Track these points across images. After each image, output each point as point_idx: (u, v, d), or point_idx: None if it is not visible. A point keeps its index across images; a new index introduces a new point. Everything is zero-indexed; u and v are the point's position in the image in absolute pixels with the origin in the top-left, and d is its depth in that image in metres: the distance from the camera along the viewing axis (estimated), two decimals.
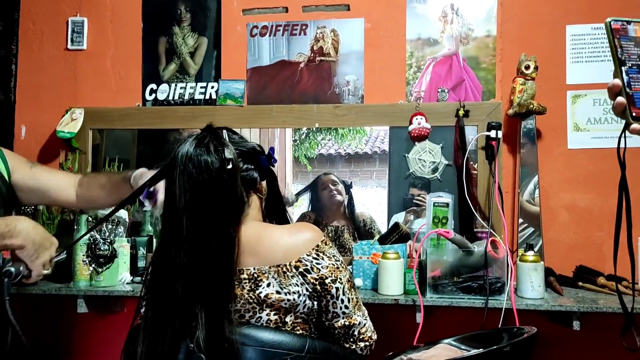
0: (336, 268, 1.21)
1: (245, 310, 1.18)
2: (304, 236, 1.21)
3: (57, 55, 2.43)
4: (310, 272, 1.18)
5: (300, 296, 1.18)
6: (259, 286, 1.17)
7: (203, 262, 1.15)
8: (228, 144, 1.19)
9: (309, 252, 1.19)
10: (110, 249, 2.05)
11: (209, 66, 2.37)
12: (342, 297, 1.21)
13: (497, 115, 2.16)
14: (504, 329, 1.61)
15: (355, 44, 2.29)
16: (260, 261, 1.19)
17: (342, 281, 1.21)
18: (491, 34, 2.22)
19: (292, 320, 1.19)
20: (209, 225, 1.16)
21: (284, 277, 1.17)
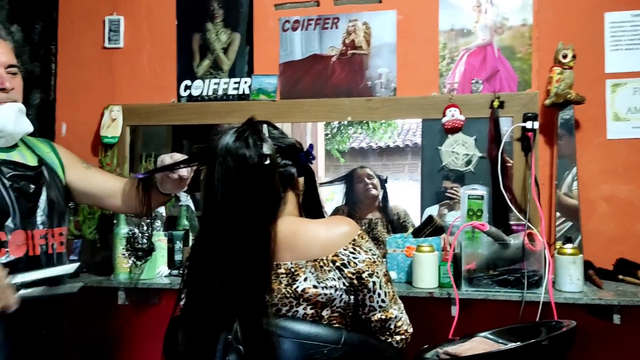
0: (373, 262, 1.21)
1: (282, 305, 1.19)
2: (341, 230, 1.21)
3: (95, 53, 2.49)
4: (347, 267, 1.19)
5: (337, 290, 1.19)
6: (295, 280, 1.18)
7: (240, 256, 1.17)
8: (267, 139, 1.20)
9: (346, 246, 1.20)
10: (148, 243, 2.10)
11: (242, 61, 2.39)
12: (379, 291, 1.21)
13: (533, 106, 2.12)
14: (542, 323, 1.59)
15: (388, 36, 2.27)
16: (297, 256, 1.20)
17: (378, 275, 1.21)
18: (527, 23, 2.18)
19: (329, 315, 1.20)
20: (245, 219, 1.17)
21: (320, 271, 1.18)
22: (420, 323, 2.04)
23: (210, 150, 1.21)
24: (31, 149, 1.53)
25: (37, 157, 1.53)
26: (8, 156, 1.45)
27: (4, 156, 1.44)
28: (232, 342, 1.15)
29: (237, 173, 1.17)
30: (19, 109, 1.46)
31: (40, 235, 1.44)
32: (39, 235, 1.44)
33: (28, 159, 1.50)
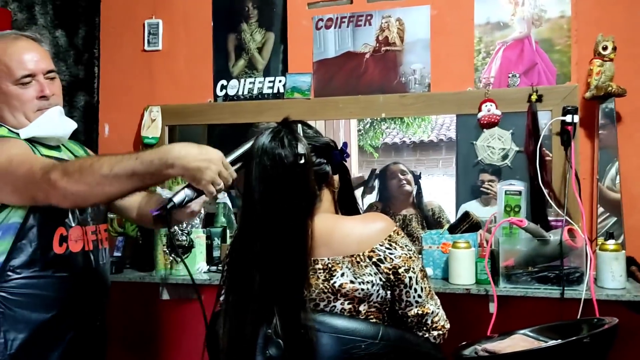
0: (409, 258, 1.21)
1: (320, 300, 1.21)
2: (377, 226, 1.22)
3: (135, 56, 2.56)
4: (384, 262, 1.20)
5: (374, 286, 1.20)
6: (333, 276, 1.20)
7: (278, 253, 1.19)
8: (301, 139, 1.22)
9: (382, 242, 1.21)
10: (187, 240, 2.16)
11: (276, 60, 2.42)
12: (415, 287, 1.22)
13: (573, 99, 2.07)
14: (583, 320, 1.56)
15: (421, 32, 2.26)
16: (334, 252, 1.21)
17: (414, 270, 1.22)
18: (565, 15, 2.13)
19: (366, 310, 1.22)
20: (282, 217, 1.19)
21: (357, 267, 1.20)
22: (457, 320, 2.03)
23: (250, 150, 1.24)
24: (70, 150, 1.57)
25: (75, 157, 1.55)
26: (60, 155, 1.49)
27: (57, 154, 1.47)
28: (272, 336, 1.18)
29: (273, 172, 1.19)
30: (60, 111, 1.48)
31: (91, 231, 1.50)
32: (90, 231, 1.49)
33: (71, 157, 1.53)
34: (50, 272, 1.38)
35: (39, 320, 1.37)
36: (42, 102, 1.43)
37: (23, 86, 1.41)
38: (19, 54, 1.41)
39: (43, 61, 1.45)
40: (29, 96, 1.41)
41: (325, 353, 1.16)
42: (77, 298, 1.44)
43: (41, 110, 1.43)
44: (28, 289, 1.36)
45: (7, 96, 1.41)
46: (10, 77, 1.40)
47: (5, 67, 1.40)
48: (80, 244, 1.45)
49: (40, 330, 1.38)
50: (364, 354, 1.17)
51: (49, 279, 1.39)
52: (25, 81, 1.40)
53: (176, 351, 2.44)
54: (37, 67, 1.42)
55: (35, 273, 1.37)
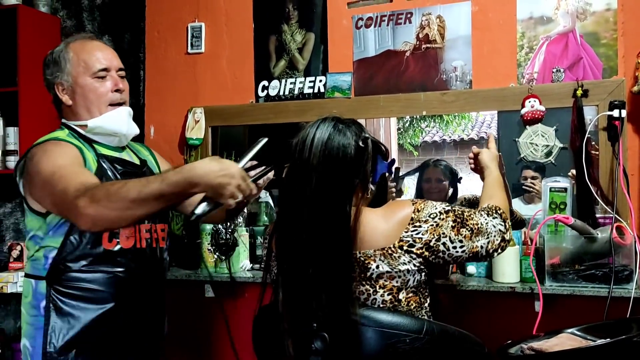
0: (436, 226, 1.23)
1: (359, 292, 1.23)
2: (398, 217, 1.24)
3: (179, 59, 2.63)
4: (415, 245, 1.22)
5: (410, 272, 1.23)
6: (368, 269, 1.22)
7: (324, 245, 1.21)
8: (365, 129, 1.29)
9: (406, 228, 1.23)
10: (231, 238, 2.21)
11: (317, 60, 2.44)
12: (454, 245, 1.24)
13: (620, 94, 2.02)
14: (632, 319, 1.53)
15: (462, 28, 2.25)
16: (364, 246, 1.23)
17: (445, 234, 1.23)
18: (611, 7, 2.08)
19: (405, 297, 1.23)
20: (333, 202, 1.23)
21: (391, 258, 1.22)
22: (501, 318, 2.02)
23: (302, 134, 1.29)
24: (134, 152, 1.65)
25: (139, 158, 1.64)
26: (120, 155, 1.56)
27: (117, 155, 1.55)
28: (317, 329, 1.20)
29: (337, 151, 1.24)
30: (129, 112, 1.57)
31: (146, 229, 1.54)
32: (145, 229, 1.53)
33: (134, 158, 1.62)
34: (100, 267, 1.44)
35: (89, 315, 1.42)
36: (116, 95, 1.53)
37: (99, 80, 1.50)
38: (95, 51, 1.53)
39: (116, 59, 1.56)
40: (104, 89, 1.51)
41: (369, 347, 1.19)
42: (128, 295, 1.47)
43: (113, 105, 1.52)
44: (79, 283, 1.42)
45: (84, 89, 1.50)
46: (88, 71, 1.50)
47: (84, 63, 1.50)
48: (132, 240, 1.49)
49: (91, 325, 1.42)
50: (409, 348, 1.18)
51: (99, 273, 1.44)
52: (101, 75, 1.50)
53: (221, 348, 2.49)
54: (112, 63, 1.53)
55: (86, 268, 1.43)
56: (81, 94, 1.50)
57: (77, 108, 1.52)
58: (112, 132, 1.53)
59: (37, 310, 1.43)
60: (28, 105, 2.53)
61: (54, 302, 1.41)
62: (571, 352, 1.33)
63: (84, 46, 1.53)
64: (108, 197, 1.23)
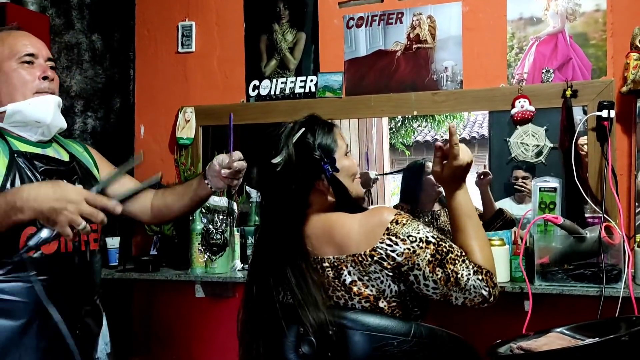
0: (412, 252, 1.16)
1: (336, 297, 1.23)
2: (373, 222, 1.20)
3: (169, 58, 2.62)
4: (386, 260, 1.18)
5: (383, 282, 1.20)
6: (341, 274, 1.22)
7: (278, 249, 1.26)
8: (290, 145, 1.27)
9: (382, 238, 1.18)
10: (222, 238, 2.20)
11: (308, 60, 2.44)
12: (425, 282, 1.17)
13: (609, 94, 2.04)
14: (621, 318, 1.54)
15: (453, 28, 2.25)
16: (338, 250, 1.23)
17: (420, 267, 1.16)
18: (600, 8, 2.09)
19: (387, 305, 1.21)
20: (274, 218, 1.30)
21: (361, 265, 1.20)
22: (491, 317, 2.02)
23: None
24: (64, 148, 1.51)
25: (70, 154, 1.50)
26: (43, 151, 1.43)
27: (39, 151, 1.42)
28: (304, 333, 1.20)
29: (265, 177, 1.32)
30: (58, 102, 1.44)
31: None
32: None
33: (62, 155, 1.48)
34: (17, 275, 1.29)
35: (7, 328, 1.28)
36: (44, 84, 1.41)
37: (26, 65, 1.40)
38: (22, 37, 1.44)
39: (44, 49, 1.46)
40: (31, 76, 1.40)
41: (357, 351, 1.18)
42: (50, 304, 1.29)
43: (40, 93, 1.40)
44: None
45: (8, 75, 1.39)
46: (13, 56, 1.39)
47: (9, 47, 1.40)
48: (55, 245, 1.33)
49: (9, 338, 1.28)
50: (396, 351, 1.18)
51: (17, 282, 1.29)
52: (27, 59, 1.40)
53: (211, 349, 2.48)
54: (40, 52, 1.43)
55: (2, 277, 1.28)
56: (5, 80, 1.38)
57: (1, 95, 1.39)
58: (34, 120, 1.39)
59: None
60: None
61: None
62: (560, 352, 1.33)
63: (10, 33, 1.44)
64: None
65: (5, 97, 1.38)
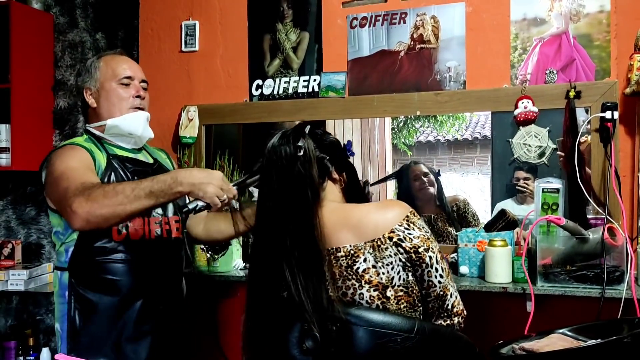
0: (427, 238, 1.26)
1: (346, 287, 1.24)
2: (393, 210, 1.27)
3: (173, 57, 2.62)
4: (404, 242, 1.24)
5: (394, 268, 1.23)
6: (355, 262, 1.23)
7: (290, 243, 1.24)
8: (305, 135, 1.31)
9: (400, 222, 1.25)
10: None
11: (311, 60, 2.44)
12: (436, 266, 1.25)
13: (612, 95, 2.03)
14: (623, 320, 1.54)
15: (457, 29, 2.25)
16: (355, 237, 1.25)
17: (433, 250, 1.26)
18: (605, 9, 2.09)
19: (394, 294, 1.23)
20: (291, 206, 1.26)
21: (379, 250, 1.23)
22: (493, 318, 2.03)
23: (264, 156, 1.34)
24: (150, 154, 1.81)
25: (154, 158, 1.79)
26: (135, 156, 1.72)
27: (130, 155, 1.71)
28: (309, 329, 1.20)
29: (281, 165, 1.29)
30: (147, 117, 1.73)
31: (155, 222, 1.66)
32: (154, 222, 1.65)
33: (149, 159, 1.77)
34: (109, 257, 1.58)
35: (103, 301, 1.58)
36: (136, 100, 1.70)
37: (123, 86, 1.69)
38: (123, 62, 1.74)
39: (140, 72, 1.76)
40: (127, 94, 1.69)
41: (360, 346, 1.19)
42: (138, 284, 1.60)
43: (133, 109, 1.69)
44: (92, 273, 1.57)
45: (108, 93, 1.68)
46: (114, 77, 1.69)
47: (111, 70, 1.70)
48: (140, 232, 1.62)
49: (105, 310, 1.57)
50: (400, 348, 1.19)
51: (109, 263, 1.58)
52: (125, 82, 1.69)
53: (214, 348, 2.48)
54: (136, 74, 1.73)
55: (99, 259, 1.57)
56: (105, 97, 1.68)
57: (100, 110, 1.68)
58: (128, 132, 1.68)
59: (63, 299, 1.59)
60: (20, 102, 2.52)
61: (76, 291, 1.58)
62: (562, 353, 1.33)
63: (114, 57, 1.74)
64: (104, 195, 1.36)
65: (105, 112, 1.68)
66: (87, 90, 1.70)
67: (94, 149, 1.63)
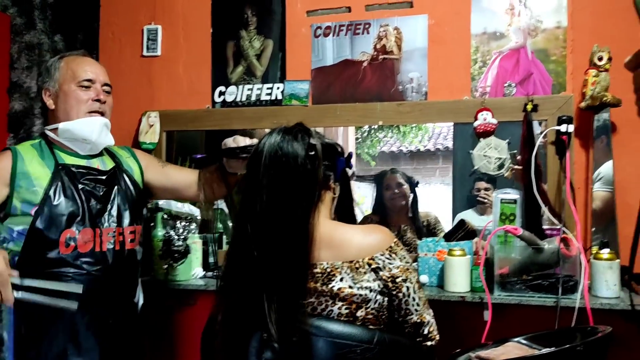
0: (406, 269, 1.25)
1: (318, 303, 1.22)
2: (378, 237, 1.26)
3: (134, 62, 2.57)
4: (382, 270, 1.23)
5: (372, 292, 1.22)
6: (331, 280, 1.21)
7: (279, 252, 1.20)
8: (314, 134, 1.28)
9: (383, 251, 1.24)
10: (184, 245, 2.16)
11: (275, 67, 2.43)
12: (413, 296, 1.25)
13: (568, 109, 2.09)
14: (577, 328, 1.57)
15: (419, 40, 2.28)
16: (334, 256, 1.23)
17: (412, 281, 1.25)
18: (561, 25, 2.15)
19: (363, 316, 1.22)
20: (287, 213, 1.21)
21: (356, 272, 1.21)
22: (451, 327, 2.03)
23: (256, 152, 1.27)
24: (112, 156, 1.74)
25: (115, 163, 1.72)
26: (88, 163, 1.66)
27: (84, 163, 1.65)
28: (268, 339, 1.18)
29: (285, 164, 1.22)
30: (104, 123, 1.67)
31: (108, 233, 1.60)
32: (107, 233, 1.60)
33: (107, 165, 1.70)
34: (58, 270, 1.52)
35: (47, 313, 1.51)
36: (95, 104, 1.64)
37: (83, 89, 1.63)
38: (85, 64, 1.68)
39: (103, 75, 1.70)
40: (85, 97, 1.63)
41: (320, 357, 1.18)
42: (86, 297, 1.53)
43: (91, 113, 1.63)
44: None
45: (66, 95, 1.62)
46: (74, 79, 1.63)
47: (72, 71, 1.64)
48: (90, 245, 1.56)
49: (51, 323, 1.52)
50: (360, 359, 1.18)
51: (57, 276, 1.52)
52: (85, 84, 1.64)
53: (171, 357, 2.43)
54: (97, 77, 1.67)
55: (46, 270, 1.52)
56: (63, 99, 1.62)
57: (58, 112, 1.63)
58: (82, 137, 1.62)
59: (10, 308, 1.55)
60: None
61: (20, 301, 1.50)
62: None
63: (76, 58, 1.69)
64: None
65: (62, 113, 1.62)
66: (46, 92, 1.65)
67: (34, 156, 1.58)
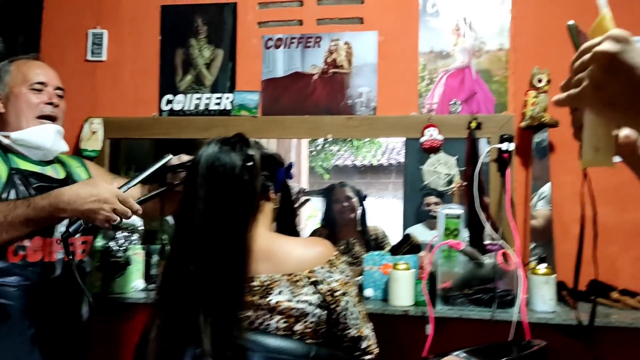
0: (346, 283, 1.25)
1: (255, 317, 1.20)
2: (318, 250, 1.25)
3: (77, 66, 2.49)
4: (321, 284, 1.22)
5: (310, 305, 1.20)
6: (269, 294, 1.19)
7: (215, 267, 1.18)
8: (252, 145, 1.27)
9: (323, 265, 1.23)
10: (124, 257, 2.09)
11: (224, 77, 2.41)
12: (352, 310, 1.24)
13: (509, 128, 2.16)
14: (513, 342, 1.60)
15: (369, 56, 2.31)
16: (273, 269, 1.21)
17: (351, 295, 1.25)
18: (504, 47, 2.23)
19: (301, 330, 1.21)
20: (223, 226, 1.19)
21: (295, 285, 1.20)
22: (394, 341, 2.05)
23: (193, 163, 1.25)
24: (63, 165, 1.71)
25: (66, 172, 1.69)
26: (42, 169, 1.61)
27: (37, 169, 1.60)
28: (201, 355, 1.15)
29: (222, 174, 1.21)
30: (57, 130, 1.64)
31: (58, 242, 1.54)
32: (57, 242, 1.54)
33: (59, 173, 1.67)
34: (2, 279, 1.46)
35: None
36: (47, 108, 1.62)
37: (34, 92, 1.60)
38: (36, 67, 1.66)
39: (55, 78, 1.69)
40: (37, 100, 1.60)
41: None
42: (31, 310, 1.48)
43: (42, 118, 1.60)
44: None
45: (17, 98, 1.59)
46: (25, 82, 1.60)
47: (22, 74, 1.61)
48: (40, 254, 1.51)
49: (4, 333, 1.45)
50: None
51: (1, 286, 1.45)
52: (37, 87, 1.61)
53: None
54: (50, 81, 1.65)
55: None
56: (14, 103, 1.59)
57: (8, 116, 1.59)
58: (36, 146, 1.58)
59: None
60: None
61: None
62: None
63: (26, 62, 1.67)
64: None
65: (12, 118, 1.59)
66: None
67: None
